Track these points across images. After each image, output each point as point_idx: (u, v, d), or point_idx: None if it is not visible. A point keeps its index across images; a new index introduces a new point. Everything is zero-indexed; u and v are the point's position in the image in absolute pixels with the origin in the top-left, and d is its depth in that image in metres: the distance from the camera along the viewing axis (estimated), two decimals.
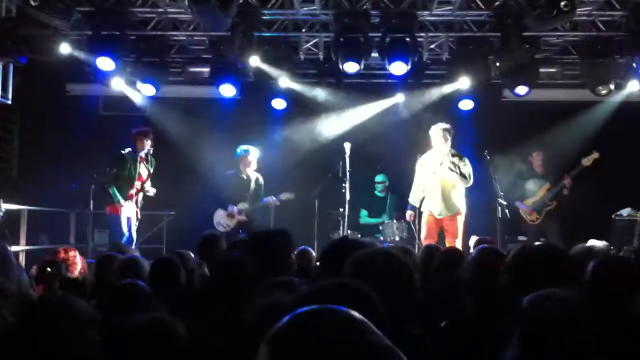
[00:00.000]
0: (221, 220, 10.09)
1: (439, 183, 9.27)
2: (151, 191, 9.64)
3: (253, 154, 10.26)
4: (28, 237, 9.87)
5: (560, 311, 2.29)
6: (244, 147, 10.29)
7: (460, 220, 9.31)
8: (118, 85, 11.04)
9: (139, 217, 9.64)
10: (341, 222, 10.13)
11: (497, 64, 10.23)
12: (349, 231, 10.05)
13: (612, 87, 10.50)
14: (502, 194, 9.35)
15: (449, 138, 9.30)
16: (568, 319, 2.27)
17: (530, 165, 10.69)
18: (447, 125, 9.37)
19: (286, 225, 10.21)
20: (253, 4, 9.81)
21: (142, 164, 9.50)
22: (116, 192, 9.25)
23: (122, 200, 9.23)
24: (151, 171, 9.68)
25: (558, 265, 3.00)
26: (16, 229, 9.68)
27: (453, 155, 9.26)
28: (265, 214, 10.81)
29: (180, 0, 9.43)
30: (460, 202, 9.33)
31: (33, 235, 10.30)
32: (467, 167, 9.27)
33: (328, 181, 10.28)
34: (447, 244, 8.79)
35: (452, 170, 9.20)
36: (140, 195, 9.55)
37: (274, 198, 10.18)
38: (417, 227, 9.94)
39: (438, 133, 9.30)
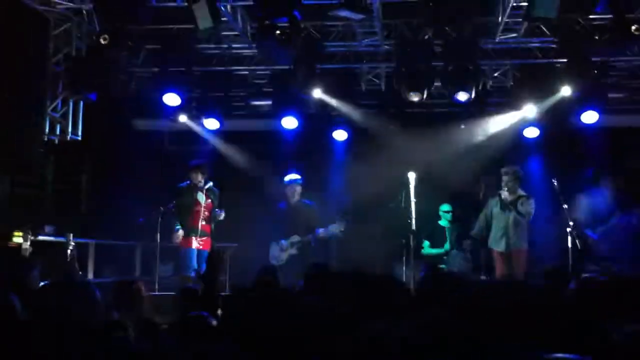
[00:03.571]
0: (275, 253, 10.00)
1: (505, 222, 9.33)
2: (221, 215, 9.59)
3: (296, 182, 10.03)
4: (95, 269, 10.04)
5: None
6: (290, 176, 10.07)
7: (524, 253, 9.32)
8: (183, 120, 11.24)
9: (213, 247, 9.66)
10: (404, 253, 9.98)
11: (564, 90, 10.03)
12: (412, 262, 9.91)
13: None
14: (572, 222, 9.09)
15: (519, 179, 9.30)
16: None
17: (601, 193, 10.36)
18: (512, 169, 9.29)
19: (349, 256, 10.33)
20: (315, 36, 9.90)
21: (199, 193, 9.52)
22: (177, 222, 9.33)
23: (180, 232, 9.28)
24: (215, 202, 9.67)
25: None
26: (84, 262, 9.86)
27: (520, 197, 9.25)
28: (325, 245, 10.75)
29: (243, 35, 9.57)
30: (524, 237, 9.34)
31: (101, 269, 10.48)
32: (529, 207, 9.27)
33: (391, 211, 10.17)
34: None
35: (518, 212, 9.24)
36: (205, 223, 9.53)
37: (322, 230, 9.87)
38: (481, 258, 9.83)
39: (508, 175, 9.31)
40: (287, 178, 10.04)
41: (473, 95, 9.85)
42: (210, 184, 9.60)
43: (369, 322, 2.08)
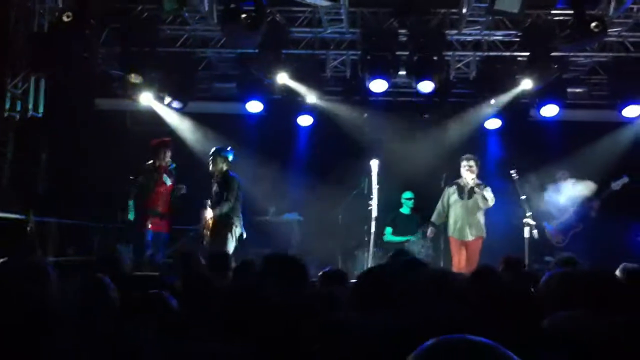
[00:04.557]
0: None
1: (463, 211, 9.45)
2: (183, 189, 9.39)
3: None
4: (55, 249, 9.95)
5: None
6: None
7: (480, 243, 9.46)
8: (146, 100, 11.14)
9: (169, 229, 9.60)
10: (366, 240, 10.06)
11: (525, 84, 10.21)
12: (374, 249, 10.00)
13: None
14: (529, 214, 9.27)
15: (476, 168, 9.41)
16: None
17: (557, 186, 10.57)
18: (474, 157, 9.43)
19: (310, 243, 10.41)
20: (281, 22, 9.89)
21: (164, 174, 9.44)
22: (131, 206, 9.21)
23: (132, 217, 9.18)
24: (175, 182, 9.58)
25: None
26: (44, 241, 9.76)
27: (477, 185, 9.38)
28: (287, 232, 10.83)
29: (209, 17, 9.51)
30: (482, 227, 9.49)
31: (60, 248, 10.39)
32: (489, 193, 9.36)
33: (353, 198, 10.26)
34: (465, 264, 9.04)
35: (476, 198, 9.36)
36: (164, 204, 9.42)
37: None
38: (440, 246, 9.97)
39: (466, 164, 9.43)
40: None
41: (437, 85, 9.96)
42: (173, 164, 9.53)
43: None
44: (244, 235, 9.15)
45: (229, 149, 9.28)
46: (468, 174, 9.40)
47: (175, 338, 2.47)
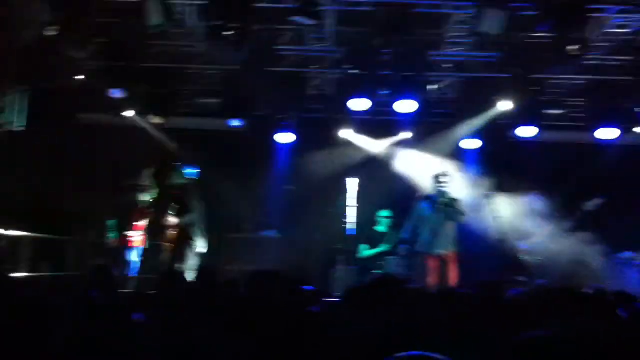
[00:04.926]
0: None
1: (437, 225, 9.46)
2: (172, 221, 9.40)
3: None
4: (28, 264, 9.86)
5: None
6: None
7: (454, 257, 9.54)
8: (130, 115, 11.15)
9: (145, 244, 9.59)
10: (342, 257, 10.11)
11: (504, 105, 10.37)
12: (348, 266, 10.08)
13: (618, 130, 10.61)
14: (504, 233, 9.38)
15: (447, 182, 9.48)
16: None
17: (532, 206, 10.70)
18: (446, 171, 9.51)
19: (288, 260, 10.42)
20: (265, 39, 9.96)
21: (144, 193, 9.45)
22: (112, 226, 9.21)
23: (112, 237, 9.18)
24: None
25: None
26: (18, 256, 9.67)
27: (450, 200, 9.45)
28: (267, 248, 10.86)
29: (194, 34, 9.56)
30: (454, 241, 9.55)
31: (35, 263, 10.28)
32: (460, 208, 9.44)
33: (330, 216, 10.32)
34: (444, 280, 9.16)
35: (457, 213, 9.39)
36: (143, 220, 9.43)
37: None
38: (416, 262, 10.04)
39: (438, 178, 9.57)
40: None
41: (418, 105, 10.10)
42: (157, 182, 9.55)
43: None
44: (205, 251, 9.24)
45: (194, 167, 9.43)
46: (440, 190, 9.48)
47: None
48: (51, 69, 9.56)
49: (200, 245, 9.23)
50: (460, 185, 9.77)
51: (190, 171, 9.50)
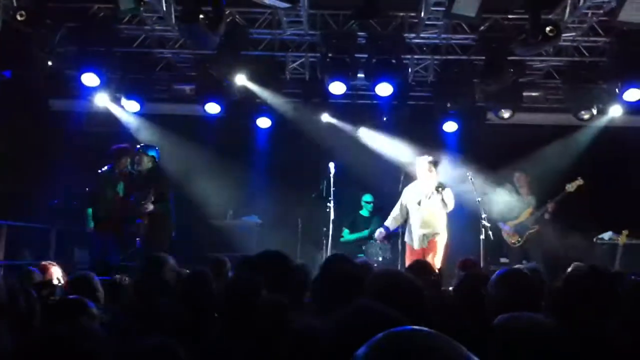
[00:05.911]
0: None
1: (422, 215, 9.26)
2: (148, 207, 9.15)
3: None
4: (8, 252, 9.74)
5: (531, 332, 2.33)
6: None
7: (441, 240, 9.28)
8: (102, 101, 10.99)
9: (125, 234, 9.46)
10: (324, 242, 10.05)
11: (482, 87, 10.34)
12: (331, 251, 10.00)
13: (594, 112, 10.63)
14: (485, 215, 9.36)
15: (435, 170, 9.27)
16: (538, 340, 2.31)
17: (514, 188, 10.71)
18: (432, 158, 9.34)
19: (269, 245, 10.35)
20: (241, 23, 9.84)
21: (121, 182, 9.30)
22: (90, 215, 9.07)
23: (92, 225, 9.04)
24: (132, 187, 9.45)
25: None
26: None
27: (437, 187, 9.11)
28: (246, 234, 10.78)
29: (167, 18, 9.41)
30: (441, 226, 9.30)
31: (14, 251, 10.17)
32: (449, 195, 9.22)
33: (312, 200, 10.24)
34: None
35: (435, 201, 9.16)
36: (121, 209, 9.29)
37: None
38: (398, 248, 9.95)
39: (424, 165, 9.25)
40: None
41: (395, 88, 10.03)
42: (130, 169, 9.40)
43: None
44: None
45: (155, 147, 9.27)
46: (426, 176, 9.30)
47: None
48: (21, 55, 9.36)
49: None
50: (442, 169, 9.66)
51: (152, 152, 9.33)
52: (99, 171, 9.27)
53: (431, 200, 9.20)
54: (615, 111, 10.90)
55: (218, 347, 3.00)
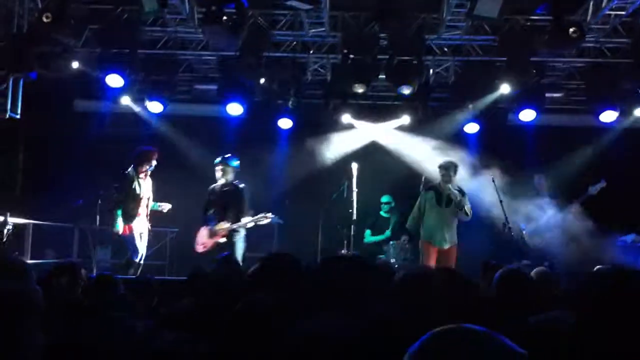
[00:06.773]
0: (201, 239, 9.37)
1: (442, 217, 9.28)
2: (165, 207, 9.49)
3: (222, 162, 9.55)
4: (33, 251, 9.87)
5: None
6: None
7: (455, 251, 9.36)
8: (126, 102, 11.11)
9: (150, 232, 9.58)
10: (345, 242, 10.07)
11: (503, 89, 10.30)
12: (353, 252, 10.01)
13: (617, 113, 10.55)
14: (507, 217, 9.32)
15: (455, 174, 9.29)
16: None
17: (535, 189, 10.65)
18: (454, 161, 9.36)
19: (290, 245, 10.41)
20: (263, 25, 9.90)
21: (144, 181, 9.40)
22: (119, 217, 9.14)
23: (118, 227, 9.12)
24: (153, 187, 9.59)
25: None
26: (21, 243, 9.68)
27: (456, 194, 9.20)
28: (268, 235, 10.82)
29: (190, 20, 9.50)
30: (456, 234, 9.38)
31: (38, 250, 10.30)
32: (467, 205, 9.25)
33: (333, 201, 10.26)
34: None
35: (455, 206, 9.22)
36: (147, 210, 9.43)
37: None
38: (419, 249, 9.95)
39: (445, 168, 9.28)
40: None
41: (416, 89, 10.03)
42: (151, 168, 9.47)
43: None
44: None
45: (236, 158, 9.47)
46: (445, 182, 9.26)
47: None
48: (46, 56, 9.48)
49: None
50: (462, 170, 9.65)
51: (234, 163, 9.49)
52: (125, 172, 9.34)
53: (449, 206, 9.23)
54: (638, 112, 10.81)
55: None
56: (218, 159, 9.45)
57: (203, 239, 9.27)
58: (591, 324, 2.52)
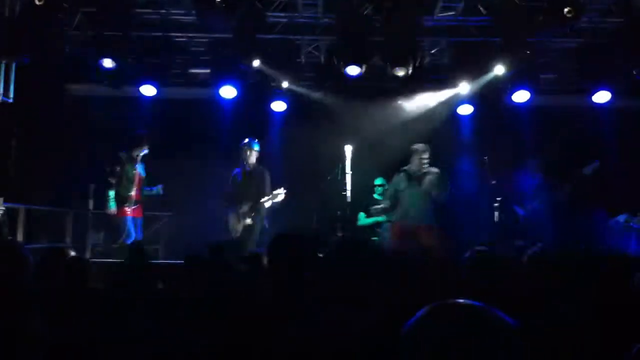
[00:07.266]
0: (232, 224, 9.59)
1: (414, 197, 9.12)
2: (159, 189, 9.57)
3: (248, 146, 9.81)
4: (26, 235, 9.85)
5: None
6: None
7: (436, 233, 9.13)
8: (119, 86, 11.04)
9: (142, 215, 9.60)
10: (339, 226, 10.09)
11: (498, 69, 10.28)
12: (347, 234, 10.04)
13: (610, 94, 10.56)
14: (499, 198, 9.36)
15: (427, 156, 9.11)
16: None
17: (528, 170, 10.67)
18: (425, 145, 9.20)
19: (284, 228, 10.41)
20: (256, 6, 9.84)
21: (139, 164, 9.42)
22: (112, 197, 9.16)
23: (113, 208, 9.13)
24: (146, 170, 9.62)
25: None
26: (15, 227, 9.67)
27: (428, 172, 9.07)
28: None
29: (183, 1, 9.44)
30: (432, 215, 9.16)
31: (31, 234, 10.29)
32: (444, 181, 9.07)
33: (327, 184, 10.27)
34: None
35: (427, 185, 9.07)
36: (138, 192, 9.44)
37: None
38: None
39: (416, 152, 9.16)
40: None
41: (410, 71, 9.99)
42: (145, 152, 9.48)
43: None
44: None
45: (256, 140, 9.61)
46: (418, 163, 9.09)
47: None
48: (39, 40, 9.41)
49: None
50: (456, 152, 9.65)
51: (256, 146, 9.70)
52: (118, 155, 9.35)
53: (422, 185, 9.07)
54: (631, 93, 10.82)
55: None
56: (244, 142, 9.67)
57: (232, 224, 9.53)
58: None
